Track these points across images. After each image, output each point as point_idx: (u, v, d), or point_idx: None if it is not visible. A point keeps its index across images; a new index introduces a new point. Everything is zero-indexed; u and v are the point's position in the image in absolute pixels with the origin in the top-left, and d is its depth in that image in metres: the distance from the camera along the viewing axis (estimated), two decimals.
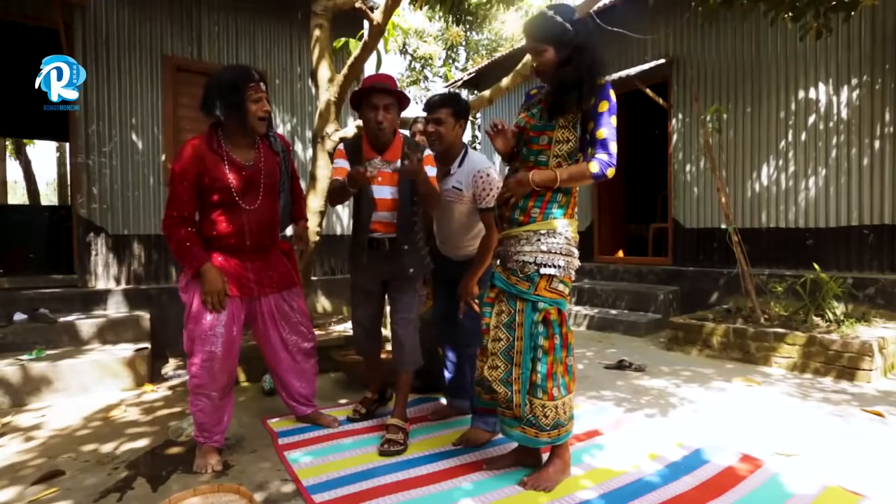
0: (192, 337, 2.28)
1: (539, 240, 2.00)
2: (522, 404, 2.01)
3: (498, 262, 2.17)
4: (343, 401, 3.21)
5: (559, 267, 2.00)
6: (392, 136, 2.51)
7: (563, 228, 2.02)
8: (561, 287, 2.03)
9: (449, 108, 2.49)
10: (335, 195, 2.55)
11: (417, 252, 2.57)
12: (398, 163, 2.46)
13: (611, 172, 1.96)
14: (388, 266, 2.56)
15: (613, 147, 1.96)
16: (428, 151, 2.53)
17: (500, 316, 2.08)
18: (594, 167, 1.95)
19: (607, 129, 1.96)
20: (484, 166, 2.48)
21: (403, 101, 2.52)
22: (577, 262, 2.07)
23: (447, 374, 2.89)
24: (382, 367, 2.94)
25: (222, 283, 2.27)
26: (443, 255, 2.76)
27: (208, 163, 2.25)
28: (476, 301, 2.48)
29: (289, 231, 2.99)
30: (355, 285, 2.73)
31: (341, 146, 2.64)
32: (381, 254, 2.53)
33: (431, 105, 2.53)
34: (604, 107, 1.96)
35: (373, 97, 2.43)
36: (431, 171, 2.50)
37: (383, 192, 2.51)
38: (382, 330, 2.92)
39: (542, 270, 1.99)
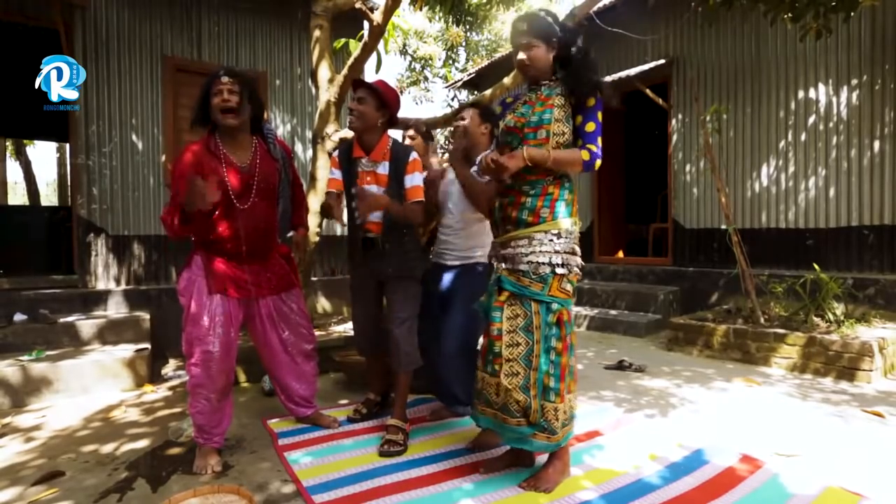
0: (191, 339, 2.28)
1: (552, 240, 2.02)
2: (539, 409, 1.99)
3: (503, 264, 2.12)
4: (343, 401, 3.21)
5: (569, 266, 2.03)
6: (370, 130, 2.53)
7: (571, 227, 2.06)
8: (568, 287, 2.05)
9: (488, 119, 2.63)
10: (322, 214, 2.71)
11: (403, 253, 2.57)
12: (386, 164, 2.53)
13: (598, 164, 2.04)
14: (379, 265, 2.59)
15: (600, 141, 2.05)
16: (413, 156, 2.57)
17: (516, 320, 2.04)
18: (586, 155, 2.02)
19: (595, 123, 2.05)
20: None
21: (385, 100, 2.50)
22: (580, 261, 2.10)
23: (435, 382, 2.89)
24: (385, 369, 2.93)
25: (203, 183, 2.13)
26: (436, 265, 2.78)
27: (206, 165, 2.25)
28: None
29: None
30: (353, 284, 2.77)
31: (336, 153, 2.69)
32: (373, 253, 2.57)
33: (460, 107, 2.70)
34: (592, 102, 2.05)
35: (355, 91, 2.55)
36: (417, 178, 2.55)
37: (371, 191, 2.52)
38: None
39: (558, 270, 2.01)
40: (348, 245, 2.70)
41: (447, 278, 2.69)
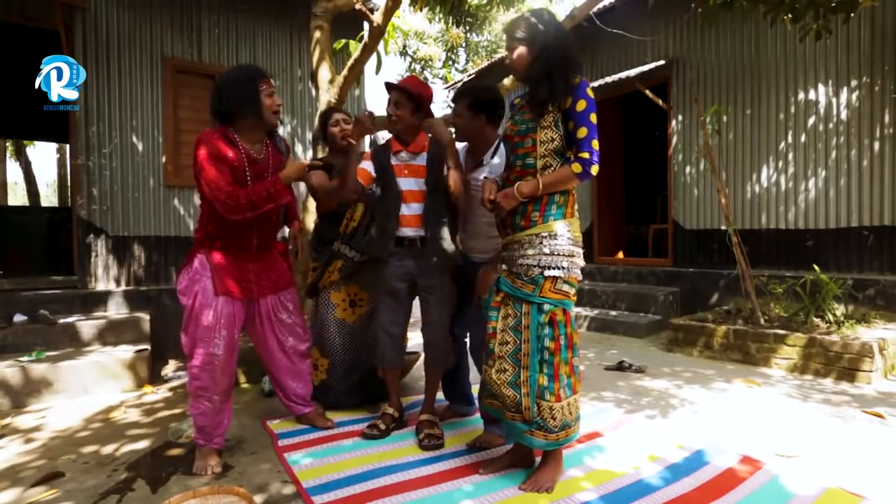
0: (194, 339, 2.27)
1: (541, 243, 2.02)
2: (532, 407, 2.01)
3: (504, 266, 2.17)
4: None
5: (562, 268, 2.01)
6: (409, 130, 2.57)
7: (563, 229, 2.03)
8: (566, 288, 2.04)
9: (466, 100, 2.49)
10: (330, 196, 2.70)
11: (443, 244, 2.54)
12: (424, 155, 2.57)
13: (594, 170, 1.98)
14: (415, 262, 2.54)
15: (595, 144, 1.98)
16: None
17: (507, 319, 2.10)
18: (577, 168, 1.97)
19: (587, 127, 1.97)
20: None
21: (420, 101, 2.54)
22: (580, 262, 2.07)
23: (447, 380, 2.89)
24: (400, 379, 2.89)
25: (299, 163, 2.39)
26: (463, 257, 2.69)
27: (227, 151, 2.25)
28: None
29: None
30: (380, 286, 2.64)
31: (368, 149, 2.71)
32: (409, 251, 2.54)
33: (454, 96, 2.59)
34: (581, 105, 1.97)
35: (390, 94, 2.57)
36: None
37: (409, 184, 2.56)
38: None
39: (547, 273, 2.00)
40: (378, 241, 2.62)
41: (475, 272, 2.57)
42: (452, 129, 2.66)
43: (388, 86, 2.56)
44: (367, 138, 4.70)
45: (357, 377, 3.00)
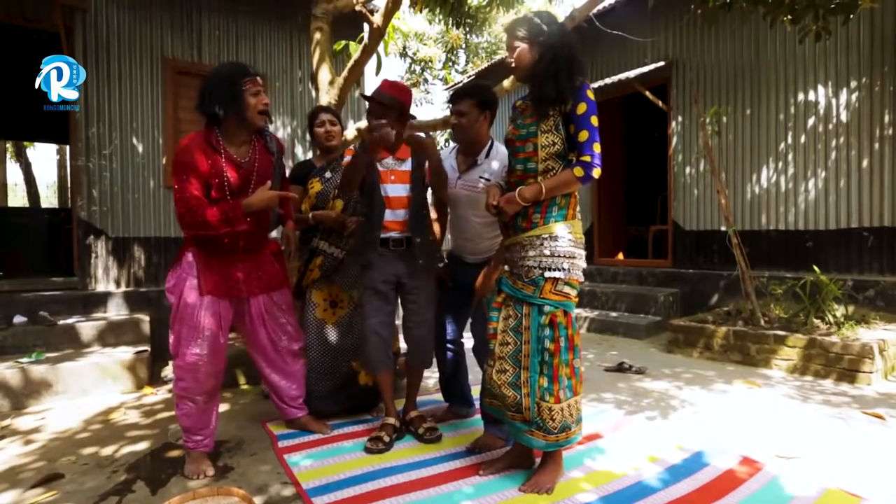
0: (179, 338, 2.24)
1: (542, 244, 2.02)
2: (532, 407, 2.02)
3: (506, 267, 2.19)
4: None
5: (563, 269, 2.01)
6: (396, 138, 2.48)
7: (564, 231, 2.03)
8: (567, 289, 2.04)
9: (472, 98, 2.46)
10: (346, 179, 2.50)
11: (429, 246, 2.57)
12: (409, 161, 2.55)
13: (596, 173, 1.96)
14: (401, 263, 2.53)
15: (596, 147, 1.96)
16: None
17: (508, 320, 2.11)
18: (579, 171, 1.96)
19: (588, 130, 1.96)
20: None
21: (403, 109, 2.47)
22: (582, 263, 2.07)
23: (446, 381, 2.89)
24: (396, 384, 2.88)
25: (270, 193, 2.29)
26: (456, 259, 2.72)
27: (208, 158, 2.22)
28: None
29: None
30: (367, 289, 2.57)
31: (353, 146, 2.72)
32: (395, 253, 2.52)
33: (454, 96, 2.53)
34: (582, 108, 1.96)
35: (369, 104, 2.50)
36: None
37: (396, 189, 2.53)
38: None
39: (547, 274, 2.01)
40: (362, 245, 2.55)
41: (469, 273, 2.57)
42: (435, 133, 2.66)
43: (368, 99, 2.49)
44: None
45: (332, 384, 2.87)
